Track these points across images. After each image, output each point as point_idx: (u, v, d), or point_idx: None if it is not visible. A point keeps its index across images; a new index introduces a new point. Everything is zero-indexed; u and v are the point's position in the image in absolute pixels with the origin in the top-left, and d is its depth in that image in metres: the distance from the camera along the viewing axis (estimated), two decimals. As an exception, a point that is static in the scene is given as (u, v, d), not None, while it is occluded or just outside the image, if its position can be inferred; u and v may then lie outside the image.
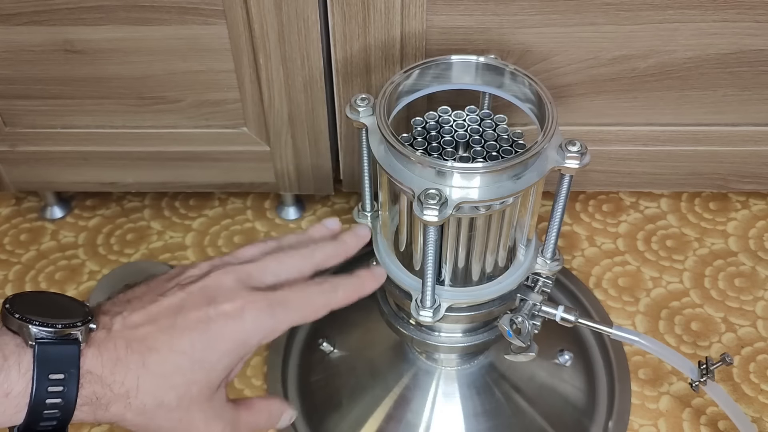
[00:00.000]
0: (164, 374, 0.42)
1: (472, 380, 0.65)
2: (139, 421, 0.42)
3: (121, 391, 0.41)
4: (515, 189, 0.45)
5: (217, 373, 0.44)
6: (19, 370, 0.38)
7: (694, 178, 0.76)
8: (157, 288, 0.46)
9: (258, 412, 0.49)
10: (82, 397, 0.40)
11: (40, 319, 0.39)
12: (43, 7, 0.61)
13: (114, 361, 0.41)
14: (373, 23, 0.61)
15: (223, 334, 0.43)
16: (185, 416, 0.44)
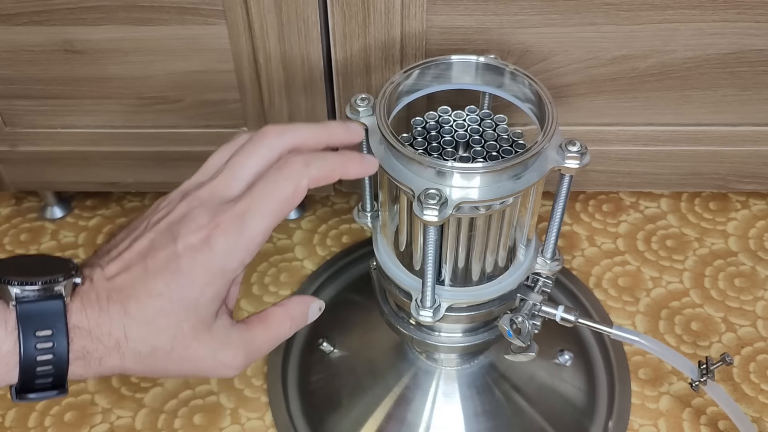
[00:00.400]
0: (148, 320, 0.41)
1: (472, 380, 0.65)
2: (139, 368, 0.42)
3: (110, 343, 0.40)
4: (515, 189, 0.45)
5: (205, 307, 0.42)
6: (6, 329, 0.38)
7: (694, 178, 0.76)
8: (132, 231, 0.44)
9: (276, 324, 0.47)
10: (73, 351, 0.39)
11: (20, 278, 0.39)
12: (43, 7, 0.61)
13: (97, 313, 0.40)
14: (373, 23, 0.61)
15: (195, 268, 0.41)
16: (186, 354, 0.42)
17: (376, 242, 0.55)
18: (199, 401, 0.70)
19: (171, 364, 0.42)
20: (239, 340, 0.45)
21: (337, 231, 0.84)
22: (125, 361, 0.41)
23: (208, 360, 0.43)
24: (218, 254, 0.41)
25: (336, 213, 0.85)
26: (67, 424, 0.68)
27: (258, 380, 0.71)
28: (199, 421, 0.68)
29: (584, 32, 0.62)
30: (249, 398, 0.70)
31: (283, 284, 0.78)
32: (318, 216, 0.85)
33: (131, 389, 0.70)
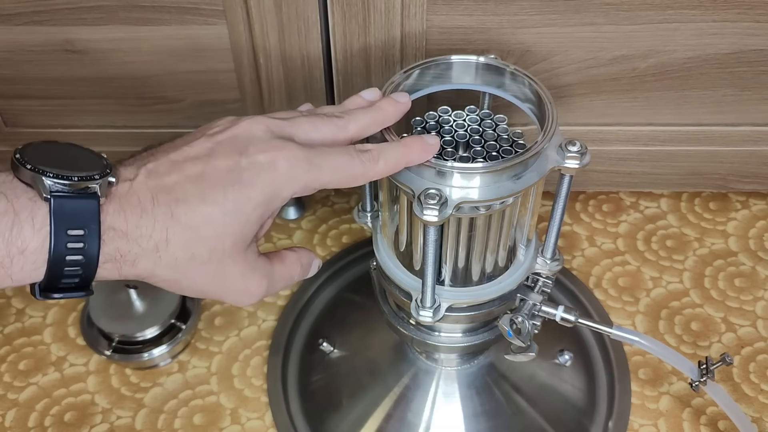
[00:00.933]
0: (195, 226, 0.40)
1: (472, 380, 0.65)
2: (170, 276, 0.41)
3: (149, 246, 0.39)
4: (515, 189, 0.45)
5: (251, 226, 0.41)
6: (33, 226, 0.36)
7: (694, 178, 0.76)
8: (181, 141, 0.43)
9: (291, 265, 0.47)
10: (104, 254, 0.38)
11: (54, 170, 0.37)
12: (44, 7, 0.61)
13: (139, 214, 0.39)
14: (373, 23, 0.61)
15: (256, 184, 0.41)
16: (219, 269, 0.42)
17: (376, 242, 0.55)
18: (199, 401, 0.70)
19: (201, 276, 0.41)
20: (264, 270, 0.45)
21: (337, 231, 0.84)
22: (158, 267, 0.40)
23: (236, 281, 0.43)
24: (280, 177, 0.41)
25: (336, 213, 0.85)
26: (67, 424, 0.68)
27: (258, 380, 0.71)
28: (199, 421, 0.68)
29: (584, 32, 0.62)
30: (249, 398, 0.70)
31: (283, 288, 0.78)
32: (318, 216, 0.85)
33: (131, 389, 0.71)
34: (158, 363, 0.72)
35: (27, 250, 0.36)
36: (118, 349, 0.70)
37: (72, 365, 0.73)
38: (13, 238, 0.36)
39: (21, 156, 0.38)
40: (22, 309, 0.77)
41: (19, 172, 0.37)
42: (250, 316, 0.76)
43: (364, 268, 0.78)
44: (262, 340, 0.74)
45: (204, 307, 0.76)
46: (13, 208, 0.36)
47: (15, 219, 0.36)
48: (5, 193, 0.37)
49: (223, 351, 0.73)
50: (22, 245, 0.36)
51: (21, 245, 0.36)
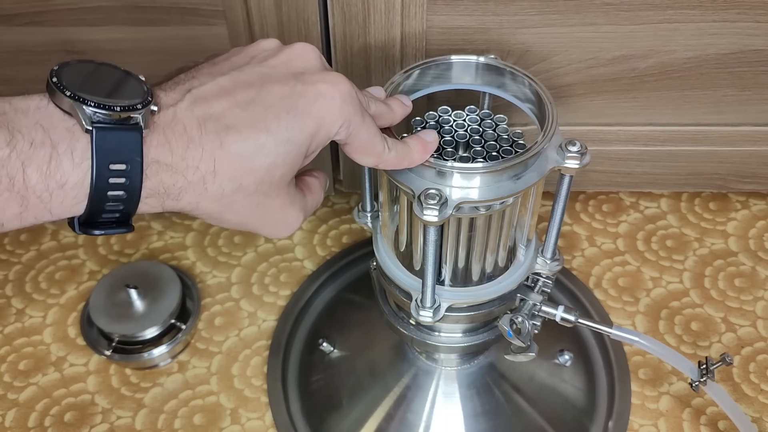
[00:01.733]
0: (245, 155, 0.37)
1: (472, 380, 0.65)
2: (213, 208, 0.39)
3: (195, 178, 0.37)
4: (515, 189, 0.45)
5: (300, 156, 0.39)
6: (73, 159, 0.34)
7: (694, 178, 0.76)
8: (226, 64, 0.41)
9: (317, 192, 0.47)
10: (147, 189, 0.36)
11: (95, 99, 0.34)
12: (44, 8, 0.61)
13: (185, 145, 0.36)
14: (373, 23, 0.61)
15: (311, 113, 0.39)
16: (263, 201, 0.40)
17: (376, 242, 0.55)
18: (199, 401, 0.70)
19: (244, 208, 0.40)
20: (300, 202, 0.44)
21: (337, 231, 0.84)
22: (202, 199, 0.38)
23: (277, 213, 0.41)
24: (335, 109, 0.39)
25: (336, 213, 0.85)
26: (67, 424, 0.68)
27: (258, 380, 0.71)
28: (199, 421, 0.68)
29: (584, 32, 0.62)
30: (249, 398, 0.70)
31: (283, 284, 0.78)
32: (318, 216, 0.85)
33: (131, 389, 0.71)
34: (158, 363, 0.72)
35: (67, 184, 0.34)
36: (118, 349, 0.70)
37: (72, 365, 0.73)
38: (51, 171, 0.34)
39: (59, 79, 0.35)
40: (22, 309, 0.77)
41: (57, 98, 0.35)
42: (250, 316, 0.76)
43: (364, 268, 0.78)
44: (262, 340, 0.74)
45: (204, 307, 0.76)
46: (51, 139, 0.34)
47: (53, 152, 0.34)
48: (41, 122, 0.34)
49: (223, 351, 0.73)
50: (61, 179, 0.34)
51: (60, 179, 0.34)
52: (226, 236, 0.82)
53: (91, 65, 0.38)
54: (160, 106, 0.37)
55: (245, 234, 0.83)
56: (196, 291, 0.76)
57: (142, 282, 0.72)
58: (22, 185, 0.33)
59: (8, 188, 0.33)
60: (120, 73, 0.38)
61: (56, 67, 0.36)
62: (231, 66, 0.41)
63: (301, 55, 0.42)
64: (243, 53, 0.42)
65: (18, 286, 0.79)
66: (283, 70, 0.40)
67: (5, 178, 0.33)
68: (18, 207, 0.34)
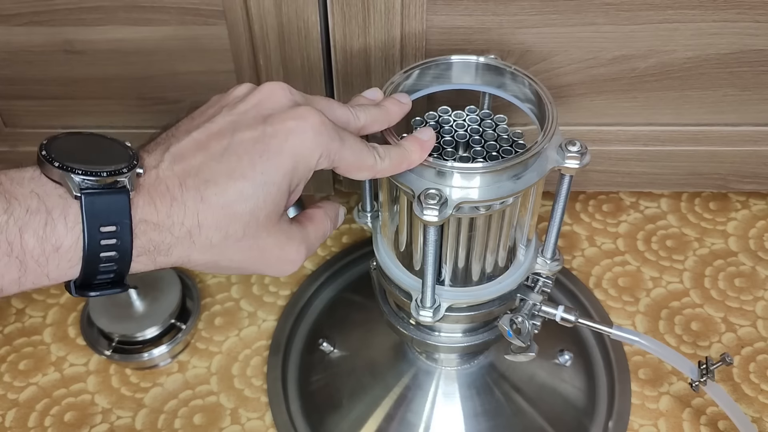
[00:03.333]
0: (226, 204, 0.39)
1: (472, 380, 0.65)
2: (206, 258, 0.40)
3: (182, 233, 0.38)
4: (515, 189, 0.45)
5: (282, 195, 0.41)
6: (66, 224, 0.36)
7: (694, 178, 0.76)
8: (199, 117, 0.42)
9: (321, 222, 0.47)
10: (137, 247, 0.38)
11: (83, 167, 0.36)
12: (43, 8, 0.61)
13: (169, 203, 0.38)
14: (373, 23, 0.61)
15: (284, 151, 0.40)
16: (255, 244, 0.41)
17: (376, 242, 0.55)
18: (199, 401, 0.70)
19: (238, 254, 0.41)
20: (300, 236, 0.44)
21: (337, 231, 0.84)
22: (193, 252, 0.39)
23: (275, 251, 0.42)
24: (308, 142, 0.40)
25: (336, 213, 0.85)
26: (67, 424, 0.68)
27: (258, 380, 0.71)
28: (199, 421, 0.68)
29: (584, 32, 0.62)
30: (249, 398, 0.70)
31: (283, 284, 0.78)
32: (318, 216, 0.85)
33: (131, 389, 0.71)
34: (158, 363, 0.72)
35: (62, 248, 0.36)
36: (118, 349, 0.70)
37: (72, 365, 0.73)
38: (47, 236, 0.36)
39: (47, 153, 0.37)
40: (22, 309, 0.77)
41: (47, 169, 0.37)
42: (250, 316, 0.76)
43: (364, 268, 0.78)
44: (262, 340, 0.74)
45: (204, 307, 0.76)
46: (45, 206, 0.36)
47: (48, 217, 0.36)
48: (36, 191, 0.36)
49: (223, 351, 0.73)
50: (56, 243, 0.36)
51: (56, 243, 0.36)
52: (226, 236, 0.82)
53: (79, 136, 0.40)
54: (145, 168, 0.39)
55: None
56: (196, 291, 0.76)
57: (142, 282, 0.72)
58: (20, 250, 0.35)
59: (7, 253, 0.35)
60: (106, 141, 0.40)
61: (45, 141, 0.38)
62: (205, 119, 0.42)
63: (270, 96, 0.42)
64: (217, 104, 0.43)
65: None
66: (253, 114, 0.41)
67: (4, 243, 0.35)
68: (17, 272, 0.36)
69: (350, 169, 0.43)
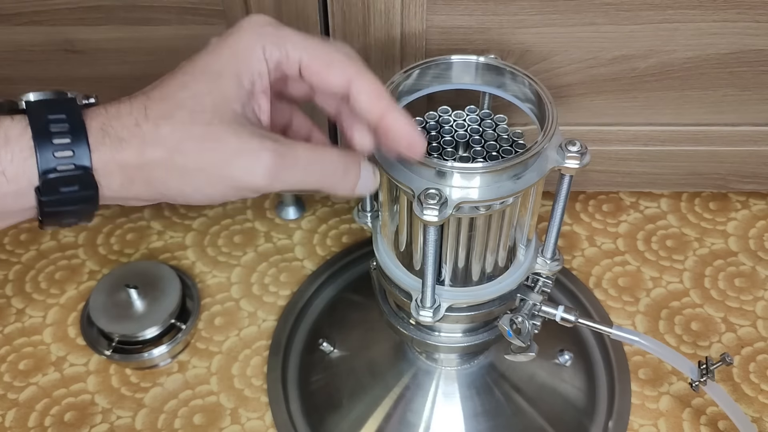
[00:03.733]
0: (167, 96, 0.40)
1: (472, 380, 0.65)
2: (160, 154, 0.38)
3: (129, 123, 0.39)
4: (515, 189, 0.45)
5: (229, 82, 0.40)
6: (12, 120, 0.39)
7: (694, 178, 0.76)
8: None
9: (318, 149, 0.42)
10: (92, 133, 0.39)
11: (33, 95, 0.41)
12: (44, 7, 0.61)
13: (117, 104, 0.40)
14: (373, 23, 0.61)
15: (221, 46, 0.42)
16: (208, 132, 0.39)
17: (376, 242, 0.55)
18: (199, 401, 0.70)
19: (191, 145, 0.39)
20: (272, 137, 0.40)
21: (337, 231, 0.84)
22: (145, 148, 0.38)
23: (233, 144, 0.39)
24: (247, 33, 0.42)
25: (336, 213, 0.85)
26: (67, 424, 0.68)
27: (258, 380, 0.71)
28: (199, 421, 0.68)
29: (584, 32, 0.62)
30: (249, 398, 0.70)
31: (283, 284, 0.78)
32: (318, 216, 0.85)
33: (131, 389, 0.71)
34: (158, 363, 0.72)
35: (11, 139, 0.38)
36: (118, 349, 0.70)
37: (72, 365, 0.73)
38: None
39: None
40: (22, 309, 0.77)
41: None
42: (250, 316, 0.76)
43: (364, 268, 0.78)
44: (262, 340, 0.74)
45: (204, 307, 0.76)
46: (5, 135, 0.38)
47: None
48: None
49: (223, 351, 0.73)
50: (5, 136, 0.38)
51: (4, 136, 0.38)
52: (225, 236, 0.82)
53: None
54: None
55: (245, 233, 0.83)
56: (196, 291, 0.76)
57: (142, 282, 0.72)
58: None
59: None
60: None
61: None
62: None
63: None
64: None
65: (18, 286, 0.79)
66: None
67: None
68: None
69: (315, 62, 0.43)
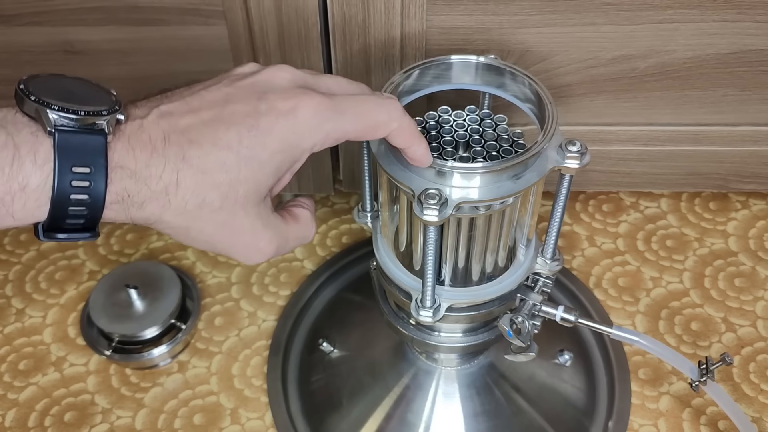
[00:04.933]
0: (207, 170, 0.38)
1: (472, 380, 0.65)
2: (178, 222, 0.39)
3: (158, 188, 0.37)
4: (515, 189, 0.45)
5: (266, 175, 0.40)
6: (35, 161, 0.35)
7: (694, 178, 0.76)
8: (199, 86, 0.42)
9: (306, 225, 0.46)
10: (111, 193, 0.36)
11: (60, 103, 0.35)
12: (44, 8, 0.61)
13: (149, 154, 0.37)
14: (373, 23, 0.61)
15: (273, 131, 0.39)
16: (230, 219, 0.40)
17: (376, 242, 0.55)
18: (199, 401, 0.70)
19: (210, 225, 0.40)
20: (277, 228, 0.43)
21: (337, 231, 0.84)
22: (166, 211, 0.38)
23: (246, 235, 0.41)
24: (300, 126, 0.40)
25: (336, 213, 0.85)
26: (67, 424, 0.68)
27: (258, 380, 0.71)
28: (199, 421, 0.68)
29: (584, 32, 0.62)
30: (249, 398, 0.70)
31: (283, 284, 0.78)
32: (318, 216, 0.85)
33: (131, 389, 0.71)
34: (158, 363, 0.72)
35: (28, 186, 0.35)
36: (118, 349, 0.70)
37: (72, 365, 0.73)
38: (13, 173, 0.34)
39: (25, 87, 0.36)
40: (22, 309, 0.77)
41: (23, 104, 0.36)
42: (250, 316, 0.76)
43: (364, 268, 0.78)
44: (262, 340, 0.74)
45: (204, 307, 0.76)
46: (14, 141, 0.34)
47: (15, 153, 0.34)
48: (5, 126, 0.35)
49: (223, 351, 0.73)
50: (23, 181, 0.34)
51: (22, 181, 0.34)
52: (226, 236, 0.82)
53: (63, 78, 0.39)
54: (128, 117, 0.38)
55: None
56: (196, 291, 0.76)
57: (142, 282, 0.72)
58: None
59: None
60: (91, 85, 0.39)
61: (25, 77, 0.37)
62: (201, 87, 0.41)
63: (272, 76, 0.42)
64: (218, 77, 0.43)
65: (18, 286, 0.79)
66: (249, 90, 0.41)
67: None
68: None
69: (361, 136, 0.42)
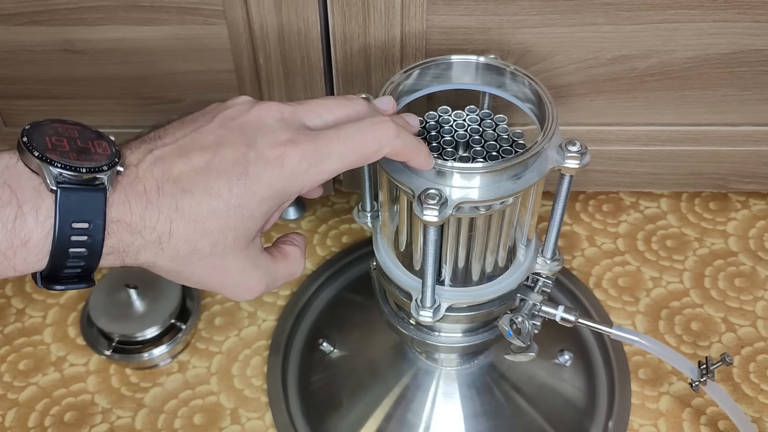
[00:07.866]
0: (199, 218, 0.39)
1: (472, 380, 0.65)
2: (170, 267, 0.41)
3: (152, 238, 0.38)
4: (515, 189, 0.45)
5: (255, 221, 0.41)
6: (37, 218, 0.36)
7: (694, 178, 0.76)
8: (190, 123, 0.42)
9: (294, 262, 0.47)
10: (108, 246, 0.38)
11: (62, 160, 0.36)
12: (44, 7, 0.61)
13: (144, 206, 0.38)
14: (373, 23, 0.61)
15: (262, 179, 0.40)
16: (220, 263, 0.41)
17: (376, 242, 0.55)
18: (199, 401, 0.70)
19: (201, 269, 0.41)
20: (266, 267, 0.45)
21: (337, 231, 0.84)
22: (159, 258, 0.40)
23: (236, 276, 0.43)
24: (286, 174, 0.40)
25: (336, 213, 0.85)
26: (67, 424, 0.68)
27: (258, 380, 0.71)
28: (199, 421, 0.68)
29: (584, 32, 0.62)
30: (249, 398, 0.70)
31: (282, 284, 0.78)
32: (318, 216, 0.85)
33: (131, 389, 0.71)
34: (158, 363, 0.72)
35: (30, 242, 0.36)
36: (118, 349, 0.70)
37: (72, 365, 0.73)
38: (16, 230, 0.35)
39: (28, 139, 0.37)
40: (22, 309, 0.77)
41: (25, 157, 0.36)
42: (250, 316, 0.76)
43: (364, 268, 0.78)
44: (262, 340, 0.74)
45: (204, 307, 0.76)
46: (17, 198, 0.35)
47: (18, 211, 0.35)
48: (8, 182, 0.36)
49: (223, 351, 0.73)
50: (25, 237, 0.35)
51: (24, 237, 0.35)
52: (226, 236, 0.82)
53: (63, 126, 0.39)
54: (125, 166, 0.39)
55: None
56: (196, 291, 0.76)
57: (142, 282, 0.72)
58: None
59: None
60: (91, 134, 0.40)
61: (28, 127, 0.37)
62: (194, 127, 0.42)
63: (258, 118, 0.42)
64: (210, 113, 0.43)
65: (18, 286, 0.79)
66: (238, 133, 0.41)
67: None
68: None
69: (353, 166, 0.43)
